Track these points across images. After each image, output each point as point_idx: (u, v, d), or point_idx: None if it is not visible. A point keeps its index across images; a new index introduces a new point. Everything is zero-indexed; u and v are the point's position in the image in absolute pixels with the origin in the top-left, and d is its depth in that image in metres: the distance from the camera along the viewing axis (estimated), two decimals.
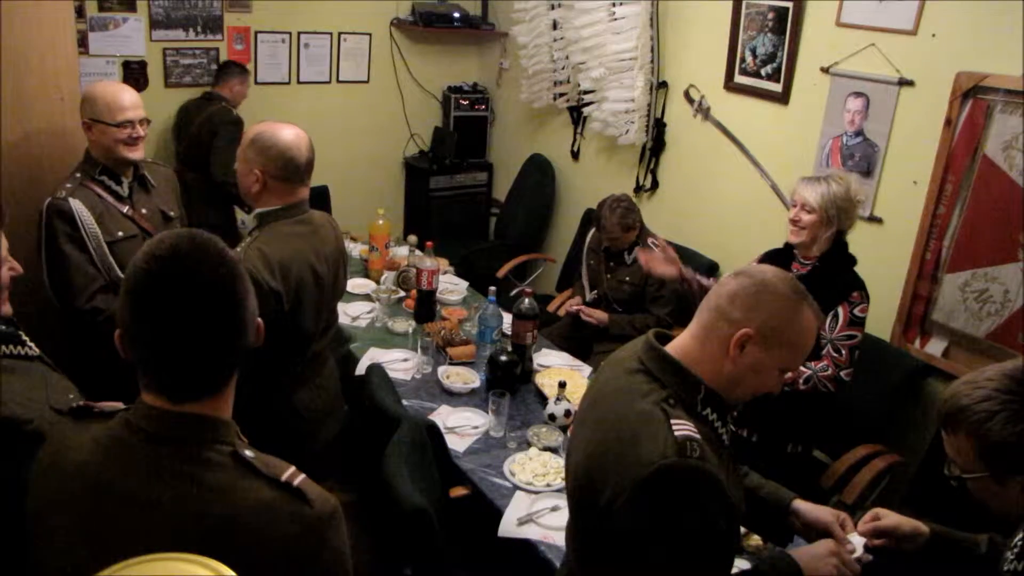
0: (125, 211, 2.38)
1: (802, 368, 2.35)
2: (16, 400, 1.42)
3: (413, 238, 3.48)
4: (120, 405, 1.12)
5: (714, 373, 1.30)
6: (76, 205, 2.25)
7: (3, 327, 1.54)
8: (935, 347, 2.85)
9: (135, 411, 1.07)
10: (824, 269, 2.38)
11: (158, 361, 1.04)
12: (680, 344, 1.35)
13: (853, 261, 2.41)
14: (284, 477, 1.04)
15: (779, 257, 2.49)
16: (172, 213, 2.55)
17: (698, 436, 1.22)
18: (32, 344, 1.58)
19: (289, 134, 2.00)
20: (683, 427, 1.22)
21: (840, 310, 2.34)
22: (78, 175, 2.33)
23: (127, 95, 2.34)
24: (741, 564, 1.79)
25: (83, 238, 2.26)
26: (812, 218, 2.34)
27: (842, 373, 2.35)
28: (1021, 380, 1.18)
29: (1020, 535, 1.28)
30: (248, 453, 1.06)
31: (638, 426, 1.24)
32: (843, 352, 2.34)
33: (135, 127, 2.32)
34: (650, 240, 2.95)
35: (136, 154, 2.36)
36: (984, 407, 1.17)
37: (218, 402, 1.08)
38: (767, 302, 1.28)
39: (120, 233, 2.34)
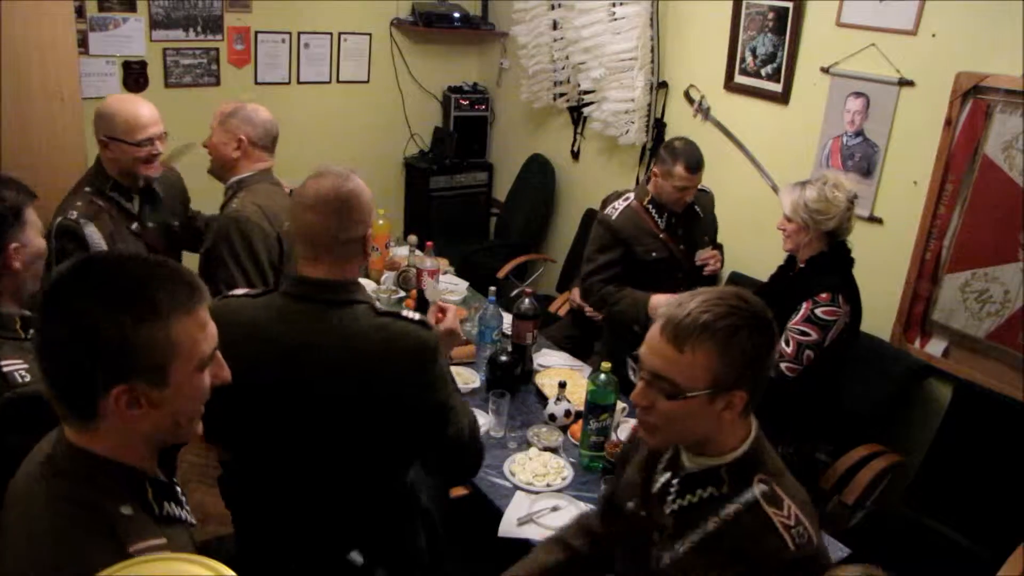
0: (134, 228, 2.32)
1: None
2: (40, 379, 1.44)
3: (413, 238, 3.47)
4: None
5: None
6: (90, 231, 2.17)
7: (27, 313, 1.56)
8: (935, 347, 2.85)
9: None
10: (807, 271, 2.36)
11: None
12: None
13: (846, 264, 2.37)
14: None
15: (791, 260, 2.49)
16: (175, 222, 2.52)
17: None
18: None
19: (263, 109, 2.28)
20: None
21: (803, 304, 2.31)
22: (87, 190, 2.25)
23: (146, 111, 2.24)
24: None
25: None
26: (792, 226, 2.35)
27: (783, 366, 2.29)
28: (747, 299, 1.25)
29: (667, 475, 1.35)
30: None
31: None
32: (790, 344, 2.30)
33: (154, 144, 2.24)
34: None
35: (154, 172, 2.29)
36: (728, 322, 1.20)
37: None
38: None
39: None
